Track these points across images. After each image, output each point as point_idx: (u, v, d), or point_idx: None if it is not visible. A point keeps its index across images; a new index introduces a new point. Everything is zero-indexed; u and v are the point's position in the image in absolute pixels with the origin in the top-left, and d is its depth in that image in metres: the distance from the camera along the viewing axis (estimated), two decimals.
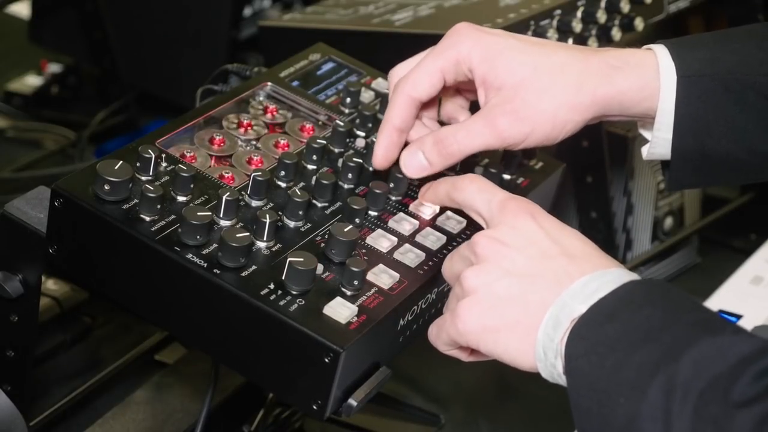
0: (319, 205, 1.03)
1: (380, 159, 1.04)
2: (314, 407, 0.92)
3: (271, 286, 0.93)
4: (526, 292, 0.90)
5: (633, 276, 0.89)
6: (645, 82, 1.01)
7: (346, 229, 0.97)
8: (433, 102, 1.07)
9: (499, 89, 1.00)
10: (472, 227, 1.05)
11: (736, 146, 1.01)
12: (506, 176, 1.11)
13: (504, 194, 0.95)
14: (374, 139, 1.08)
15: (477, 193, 0.96)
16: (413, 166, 1.03)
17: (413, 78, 1.02)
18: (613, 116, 1.03)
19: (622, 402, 0.83)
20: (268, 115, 1.12)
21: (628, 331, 0.85)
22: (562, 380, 0.89)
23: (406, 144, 1.05)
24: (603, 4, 1.36)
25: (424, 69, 1.02)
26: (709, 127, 1.01)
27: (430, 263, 1.00)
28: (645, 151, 1.05)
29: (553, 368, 0.89)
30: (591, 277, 0.89)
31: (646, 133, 1.05)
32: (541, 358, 0.89)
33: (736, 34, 1.06)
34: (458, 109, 1.09)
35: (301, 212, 1.00)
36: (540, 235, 0.92)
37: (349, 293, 0.95)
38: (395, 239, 1.01)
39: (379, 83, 1.19)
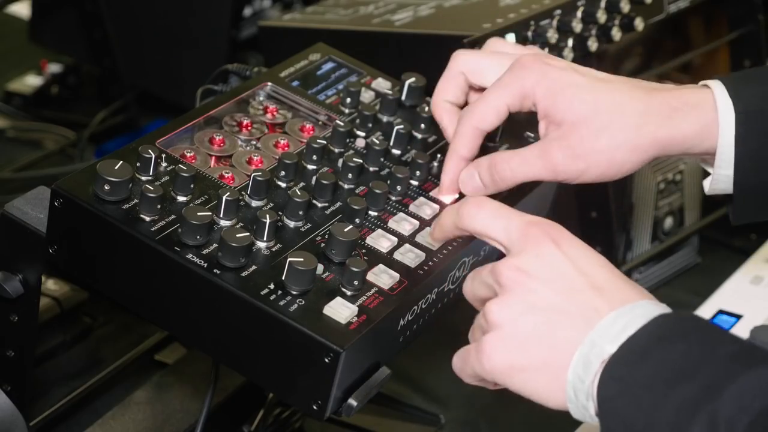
0: (319, 205, 1.03)
1: (448, 188, 1.06)
2: (314, 407, 0.92)
3: (271, 286, 0.93)
4: (554, 329, 0.87)
5: (662, 307, 0.87)
6: (705, 123, 1.00)
7: (346, 229, 0.97)
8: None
9: (560, 125, 1.00)
10: None
11: None
12: None
13: (520, 218, 0.92)
14: (375, 140, 1.08)
15: (490, 219, 0.93)
16: (470, 186, 1.04)
17: (480, 112, 1.03)
18: (673, 156, 1.04)
19: None
20: (268, 115, 1.12)
21: (663, 369, 0.83)
22: (595, 421, 0.86)
23: None
24: (603, 4, 1.36)
25: (491, 103, 1.02)
26: None
27: (430, 263, 1.00)
28: (707, 186, 1.05)
29: (585, 410, 0.87)
30: (619, 312, 0.86)
31: (707, 168, 1.04)
32: (572, 399, 0.87)
33: None
34: None
35: (301, 212, 1.00)
36: (565, 266, 0.89)
37: (349, 293, 0.95)
38: (395, 239, 1.01)
39: (379, 83, 1.19)
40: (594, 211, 1.46)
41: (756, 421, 0.78)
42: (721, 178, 1.02)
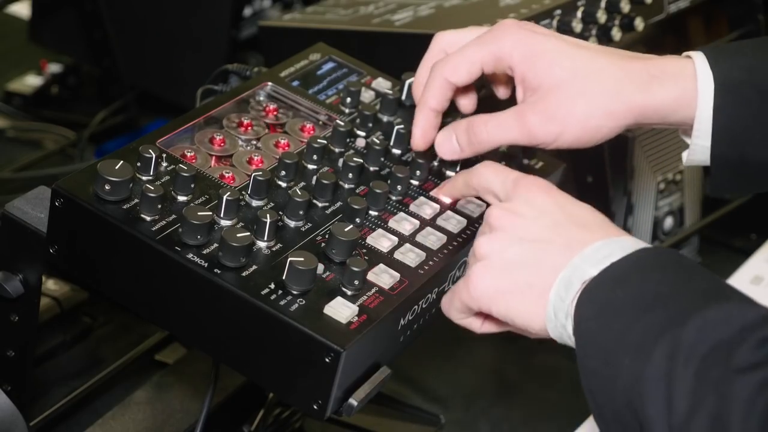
0: (320, 204, 1.03)
1: (419, 139, 1.07)
2: (314, 407, 0.92)
3: (272, 286, 0.93)
4: (539, 256, 0.91)
5: (646, 244, 0.90)
6: (683, 91, 1.01)
7: (346, 229, 0.97)
8: (471, 87, 1.09)
9: (536, 89, 1.01)
10: (473, 227, 1.05)
11: None
12: None
13: (518, 173, 0.97)
14: (375, 140, 1.08)
15: (492, 175, 0.98)
16: (446, 148, 1.06)
17: (453, 63, 1.04)
18: (650, 124, 1.04)
19: (627, 363, 0.84)
20: (269, 115, 1.12)
21: (637, 295, 0.86)
22: (571, 341, 0.90)
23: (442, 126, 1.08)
24: (603, 4, 1.36)
25: (465, 57, 1.04)
26: (747, 134, 1.01)
27: (431, 263, 1.00)
28: (684, 157, 1.06)
29: (563, 329, 0.90)
30: (603, 243, 0.90)
31: (686, 139, 1.05)
32: (551, 318, 0.91)
33: None
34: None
35: (301, 212, 1.00)
36: (553, 207, 0.93)
37: (349, 293, 0.95)
38: (395, 239, 1.01)
39: (379, 83, 1.19)
40: None
41: (709, 353, 0.81)
42: (698, 149, 1.03)
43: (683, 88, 1.01)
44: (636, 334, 0.85)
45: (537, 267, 0.91)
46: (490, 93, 1.13)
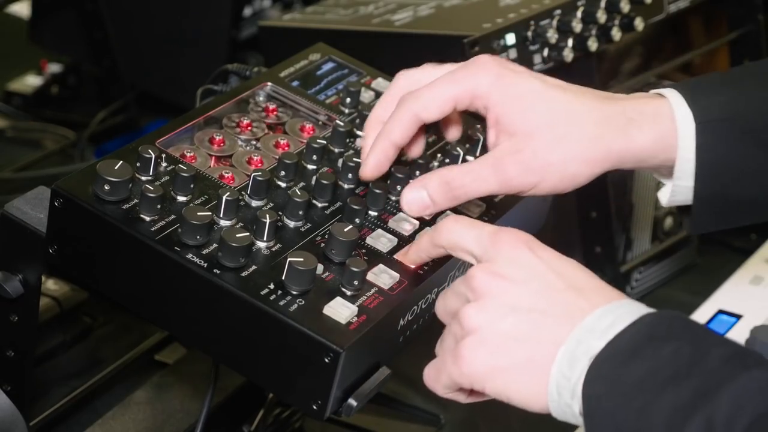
0: (319, 205, 1.03)
1: (371, 170, 1.02)
2: (314, 407, 0.92)
3: (271, 286, 0.93)
4: (537, 328, 0.85)
5: (646, 308, 0.85)
6: (661, 134, 0.98)
7: (346, 229, 0.97)
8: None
9: (512, 135, 0.97)
10: None
11: (760, 189, 0.99)
12: None
13: (492, 227, 0.90)
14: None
15: (464, 230, 0.91)
16: (415, 203, 1.00)
17: (424, 100, 0.99)
18: (630, 168, 1.01)
19: None
20: (268, 115, 1.12)
21: (654, 369, 0.80)
22: (575, 420, 0.85)
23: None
24: (603, 4, 1.36)
25: (437, 93, 0.99)
26: (732, 172, 0.99)
27: (431, 263, 1.00)
28: (665, 199, 1.02)
29: (567, 407, 0.84)
30: (605, 310, 0.84)
31: (664, 181, 1.03)
32: (554, 398, 0.85)
33: (749, 73, 1.05)
34: (457, 128, 1.07)
35: (301, 212, 1.00)
36: (541, 268, 0.87)
37: (349, 293, 0.95)
38: (395, 239, 1.01)
39: (379, 83, 1.19)
40: (594, 211, 1.46)
41: (756, 423, 0.77)
42: (681, 190, 1.00)
43: (662, 130, 0.98)
44: (661, 414, 0.79)
45: (535, 341, 0.85)
46: (438, 135, 1.08)
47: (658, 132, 0.98)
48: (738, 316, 1.33)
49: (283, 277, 0.93)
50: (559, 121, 0.97)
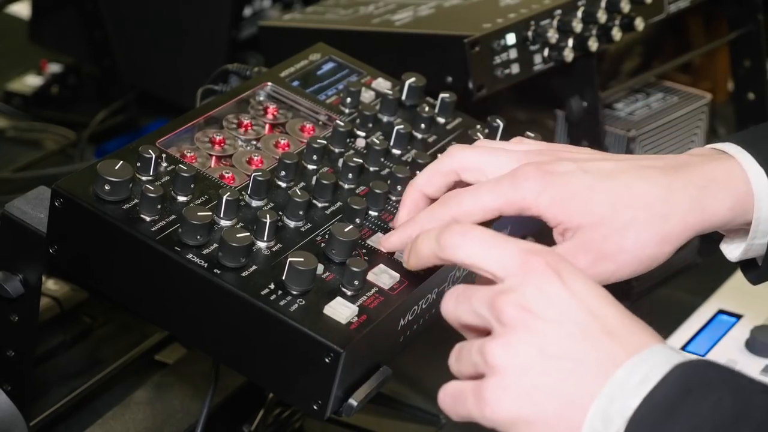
0: (320, 205, 1.03)
1: (393, 246, 0.97)
2: (314, 407, 0.92)
3: (272, 286, 0.93)
4: (567, 380, 0.80)
5: (675, 352, 0.81)
6: (737, 198, 0.94)
7: (346, 229, 0.97)
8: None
9: (577, 230, 0.91)
10: None
11: None
12: None
13: (515, 245, 0.84)
14: (375, 140, 1.08)
15: (481, 249, 0.85)
16: None
17: (466, 208, 0.93)
18: (705, 233, 0.96)
19: None
20: (269, 115, 1.12)
21: (697, 425, 0.76)
22: None
23: None
24: (603, 4, 1.36)
25: (481, 204, 0.93)
26: None
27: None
28: (734, 255, 0.99)
29: None
30: (636, 360, 0.79)
31: (734, 238, 0.99)
32: None
33: None
34: None
35: (301, 212, 1.00)
36: (574, 306, 0.81)
37: (349, 293, 0.95)
38: None
39: (379, 83, 1.19)
40: None
41: None
42: (754, 248, 0.97)
43: (737, 195, 0.94)
44: None
45: (565, 394, 0.79)
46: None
47: (734, 196, 0.94)
48: (738, 316, 1.33)
49: (283, 277, 0.93)
50: (624, 206, 0.91)
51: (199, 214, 0.95)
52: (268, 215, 0.96)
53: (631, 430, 0.77)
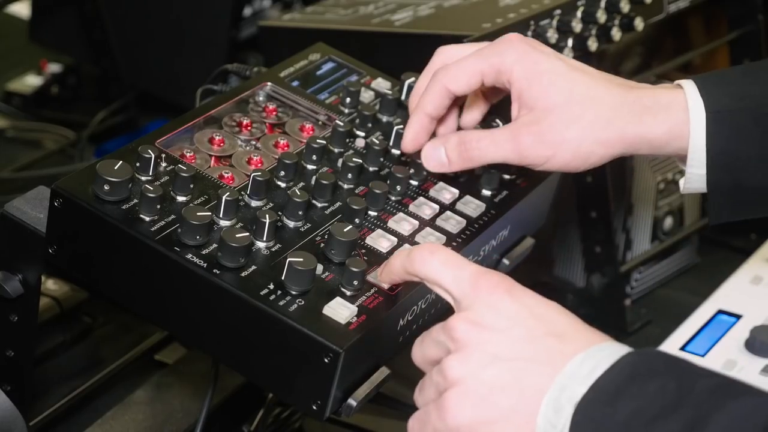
0: (319, 205, 1.03)
1: (409, 142, 1.06)
2: (314, 407, 0.92)
3: (271, 286, 0.93)
4: (519, 377, 0.84)
5: (626, 348, 0.85)
6: (674, 123, 1.01)
7: (345, 229, 0.97)
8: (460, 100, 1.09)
9: (532, 109, 1.01)
10: (472, 227, 1.05)
11: None
12: (506, 176, 1.11)
13: (473, 268, 0.89)
14: (374, 140, 1.08)
15: (441, 267, 0.90)
16: (434, 159, 1.06)
17: (453, 72, 1.04)
18: (643, 154, 1.05)
19: None
20: (268, 115, 1.12)
21: (642, 407, 0.80)
22: None
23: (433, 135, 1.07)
24: (603, 4, 1.36)
25: (466, 66, 1.04)
26: (742, 161, 1.01)
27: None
28: (681, 185, 1.06)
29: None
30: (586, 354, 0.84)
31: (682, 167, 1.05)
32: None
33: (764, 67, 1.07)
34: (477, 112, 1.11)
35: (300, 212, 1.00)
36: (522, 314, 0.86)
37: (348, 293, 0.95)
38: (395, 239, 1.01)
39: (379, 83, 1.19)
40: (594, 211, 1.46)
41: None
42: (694, 177, 1.03)
43: (675, 120, 1.01)
44: None
45: (519, 390, 0.84)
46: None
47: (671, 120, 1.01)
48: (738, 316, 1.33)
49: (282, 277, 0.93)
50: (578, 101, 1.01)
51: (198, 214, 0.95)
52: (267, 215, 0.96)
53: (579, 414, 0.82)
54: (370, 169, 1.08)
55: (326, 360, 0.90)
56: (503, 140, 1.02)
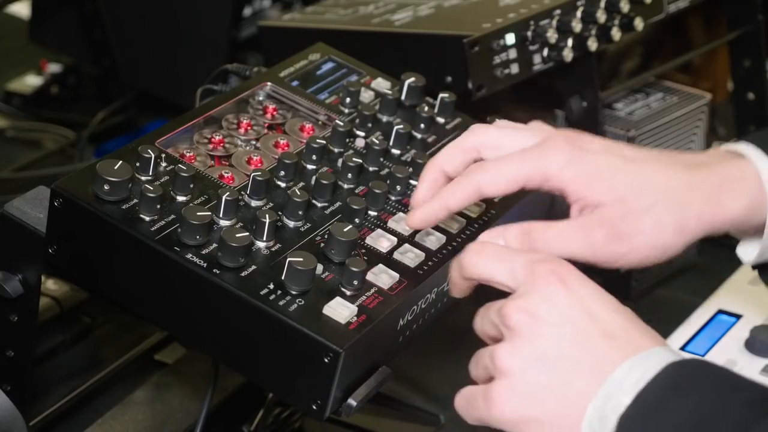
0: (319, 205, 1.03)
1: (418, 224, 0.97)
2: (314, 407, 0.92)
3: (271, 286, 0.93)
4: (567, 380, 0.84)
5: (674, 353, 0.84)
6: (752, 196, 0.94)
7: (345, 229, 0.97)
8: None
9: (597, 206, 0.92)
10: (472, 227, 1.05)
11: None
12: None
13: (524, 256, 0.87)
14: (374, 140, 1.08)
15: (493, 263, 0.89)
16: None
17: (492, 175, 0.93)
18: (721, 233, 0.96)
19: None
20: (268, 115, 1.12)
21: (681, 422, 0.80)
22: None
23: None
24: (603, 4, 1.36)
25: (506, 172, 0.93)
26: None
27: (430, 263, 1.00)
28: (749, 258, 0.99)
29: None
30: (633, 362, 0.83)
31: (748, 239, 0.98)
32: None
33: None
34: None
35: (300, 212, 1.00)
36: (576, 310, 0.85)
37: (348, 293, 0.95)
38: (395, 239, 1.01)
39: (378, 83, 1.19)
40: None
41: None
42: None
43: (751, 192, 0.94)
44: None
45: (565, 395, 0.83)
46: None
47: (749, 195, 0.94)
48: (738, 316, 1.33)
49: (282, 277, 0.93)
50: (647, 190, 0.92)
51: (198, 214, 0.95)
52: (267, 215, 0.97)
53: (621, 426, 0.81)
54: (370, 169, 1.08)
55: (326, 360, 0.90)
56: (573, 233, 0.92)
